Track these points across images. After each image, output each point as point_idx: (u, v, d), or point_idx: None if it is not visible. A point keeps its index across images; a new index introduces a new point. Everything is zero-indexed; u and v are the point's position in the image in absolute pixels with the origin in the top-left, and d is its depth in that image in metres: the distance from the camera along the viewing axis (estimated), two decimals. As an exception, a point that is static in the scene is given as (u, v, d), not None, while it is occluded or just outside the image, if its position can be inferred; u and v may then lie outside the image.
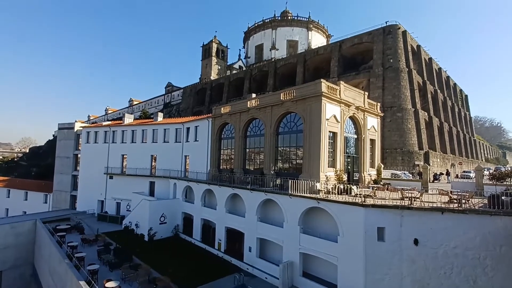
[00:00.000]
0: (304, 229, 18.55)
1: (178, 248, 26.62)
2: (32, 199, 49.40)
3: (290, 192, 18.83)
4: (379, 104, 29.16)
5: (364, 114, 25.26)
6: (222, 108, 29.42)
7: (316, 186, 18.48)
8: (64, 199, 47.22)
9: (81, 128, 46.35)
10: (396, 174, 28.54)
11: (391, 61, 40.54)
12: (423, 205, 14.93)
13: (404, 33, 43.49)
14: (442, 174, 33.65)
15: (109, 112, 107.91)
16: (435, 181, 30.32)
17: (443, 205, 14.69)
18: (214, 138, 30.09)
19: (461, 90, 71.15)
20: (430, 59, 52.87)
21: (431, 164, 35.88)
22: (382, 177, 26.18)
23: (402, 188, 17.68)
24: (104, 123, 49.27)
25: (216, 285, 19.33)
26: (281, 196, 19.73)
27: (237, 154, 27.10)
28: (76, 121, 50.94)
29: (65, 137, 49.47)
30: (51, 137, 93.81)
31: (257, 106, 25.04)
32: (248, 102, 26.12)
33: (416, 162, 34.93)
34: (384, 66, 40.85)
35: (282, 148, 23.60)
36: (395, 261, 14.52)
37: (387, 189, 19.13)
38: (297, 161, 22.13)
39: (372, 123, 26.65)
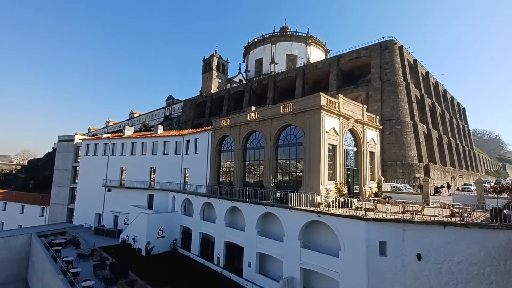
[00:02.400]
0: (304, 243, 18.22)
1: (176, 263, 26.04)
2: (28, 212, 48.73)
3: (290, 205, 18.62)
4: (378, 117, 29.32)
5: (363, 127, 25.35)
6: (222, 121, 29.54)
7: (316, 199, 18.30)
8: (61, 212, 46.59)
9: (81, 141, 46.31)
10: (396, 187, 28.35)
11: (388, 74, 41.12)
12: (424, 218, 14.72)
13: (401, 48, 44.36)
14: (443, 187, 33.42)
15: (110, 124, 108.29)
16: (436, 194, 30.11)
17: (445, 219, 14.49)
18: (213, 150, 30.04)
19: (458, 103, 71.83)
20: (427, 73, 53.66)
21: (431, 177, 35.71)
22: (383, 190, 25.99)
23: (403, 201, 17.50)
24: (104, 136, 49.30)
25: (214, 302, 18.80)
26: (281, 209, 19.49)
27: (236, 166, 26.99)
28: (76, 134, 50.99)
29: (65, 149, 49.37)
30: (51, 150, 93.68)
31: (257, 119, 25.16)
32: (248, 115, 26.25)
33: (417, 175, 34.77)
34: (382, 79, 41.39)
35: (282, 160, 23.53)
36: (398, 277, 14.16)
37: (388, 202, 18.95)
38: (297, 173, 22.01)
39: (372, 135, 26.70)
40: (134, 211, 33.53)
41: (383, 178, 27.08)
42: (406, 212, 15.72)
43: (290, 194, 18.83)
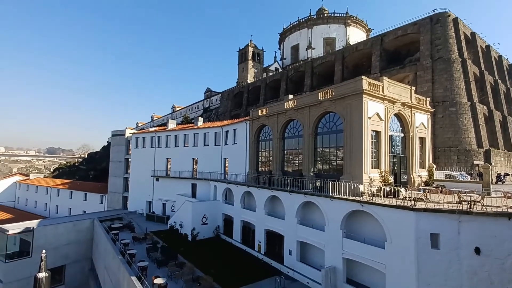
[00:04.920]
0: (347, 233, 17.71)
1: (219, 249, 27.27)
2: (90, 199, 54.67)
3: (330, 194, 18.16)
4: (428, 99, 26.84)
5: (411, 111, 23.44)
6: (259, 111, 29.58)
7: (359, 188, 17.55)
8: (117, 199, 51.47)
9: (131, 135, 50.24)
10: (451, 175, 25.90)
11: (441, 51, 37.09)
12: (485, 209, 13.28)
13: (456, 20, 39.53)
14: (508, 174, 29.74)
15: (155, 118, 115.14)
16: (498, 183, 26.97)
17: (510, 210, 12.92)
18: (252, 140, 30.34)
19: (528, 79, 62.46)
20: (488, 46, 47.27)
21: (493, 164, 31.89)
22: (435, 178, 23.97)
23: (459, 191, 15.96)
24: (151, 129, 52.71)
25: (257, 287, 19.36)
26: (321, 199, 19.10)
27: (275, 156, 26.97)
28: (126, 128, 55.25)
29: (117, 143, 53.99)
30: (106, 143, 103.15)
31: (295, 107, 24.68)
32: (285, 103, 25.89)
33: (475, 162, 31.35)
34: (433, 57, 37.53)
35: (321, 149, 22.91)
36: (452, 272, 13.09)
37: (441, 192, 17.48)
38: (338, 162, 21.28)
39: (421, 119, 24.61)
40: (179, 199, 35.69)
41: (435, 166, 24.93)
42: (463, 203, 14.31)
43: (330, 183, 18.32)
